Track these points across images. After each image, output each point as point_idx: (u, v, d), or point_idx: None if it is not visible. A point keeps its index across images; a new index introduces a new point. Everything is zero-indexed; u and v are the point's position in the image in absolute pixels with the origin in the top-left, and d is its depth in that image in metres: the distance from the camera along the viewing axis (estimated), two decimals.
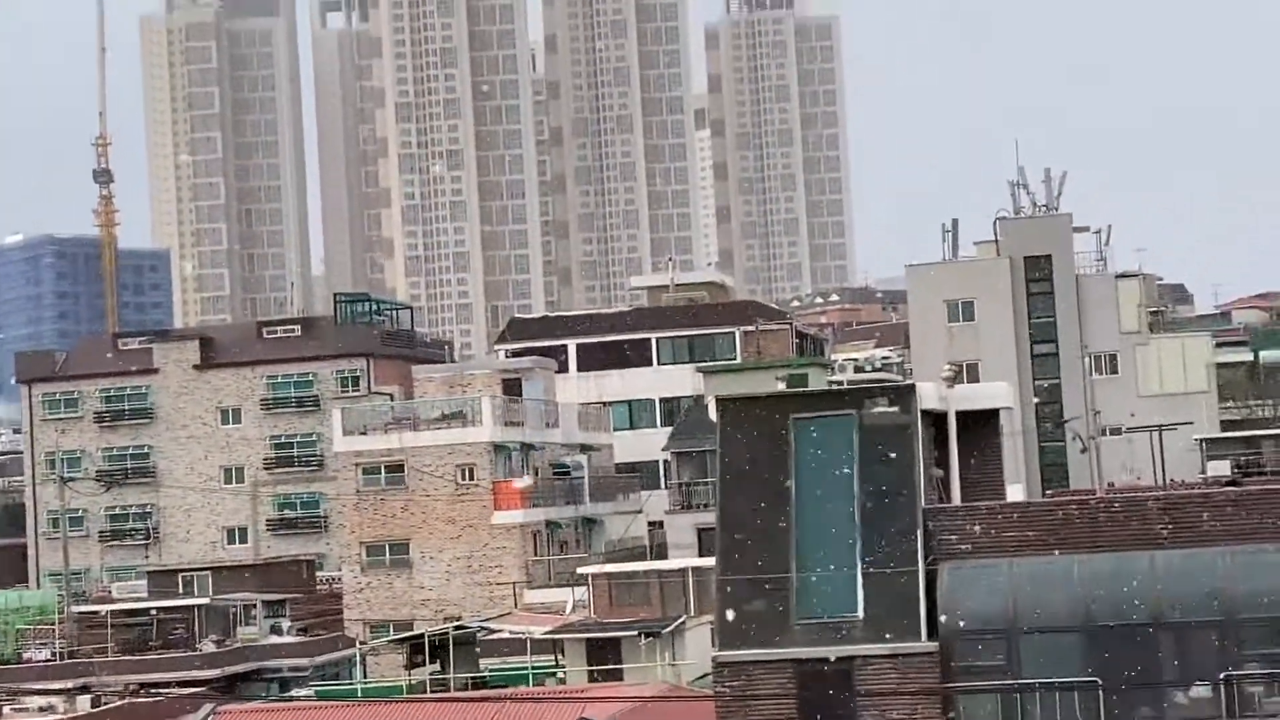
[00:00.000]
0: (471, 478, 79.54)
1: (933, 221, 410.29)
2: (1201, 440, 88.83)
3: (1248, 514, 36.61)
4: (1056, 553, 36.67)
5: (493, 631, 64.32)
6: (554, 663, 61.35)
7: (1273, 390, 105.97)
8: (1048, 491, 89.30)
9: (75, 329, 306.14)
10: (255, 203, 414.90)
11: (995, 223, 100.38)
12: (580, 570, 69.28)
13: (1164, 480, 78.98)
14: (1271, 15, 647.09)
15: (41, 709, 66.73)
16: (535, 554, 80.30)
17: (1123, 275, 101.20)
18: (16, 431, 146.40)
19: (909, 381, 47.31)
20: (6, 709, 65.58)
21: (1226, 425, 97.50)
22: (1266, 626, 35.49)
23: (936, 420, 40.29)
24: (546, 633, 61.32)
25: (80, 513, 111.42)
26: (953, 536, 37.04)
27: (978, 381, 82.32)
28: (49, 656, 77.69)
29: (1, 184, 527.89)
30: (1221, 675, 35.35)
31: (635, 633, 58.30)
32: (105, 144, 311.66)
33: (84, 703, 65.80)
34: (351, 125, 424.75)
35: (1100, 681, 35.47)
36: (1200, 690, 35.69)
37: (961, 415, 40.83)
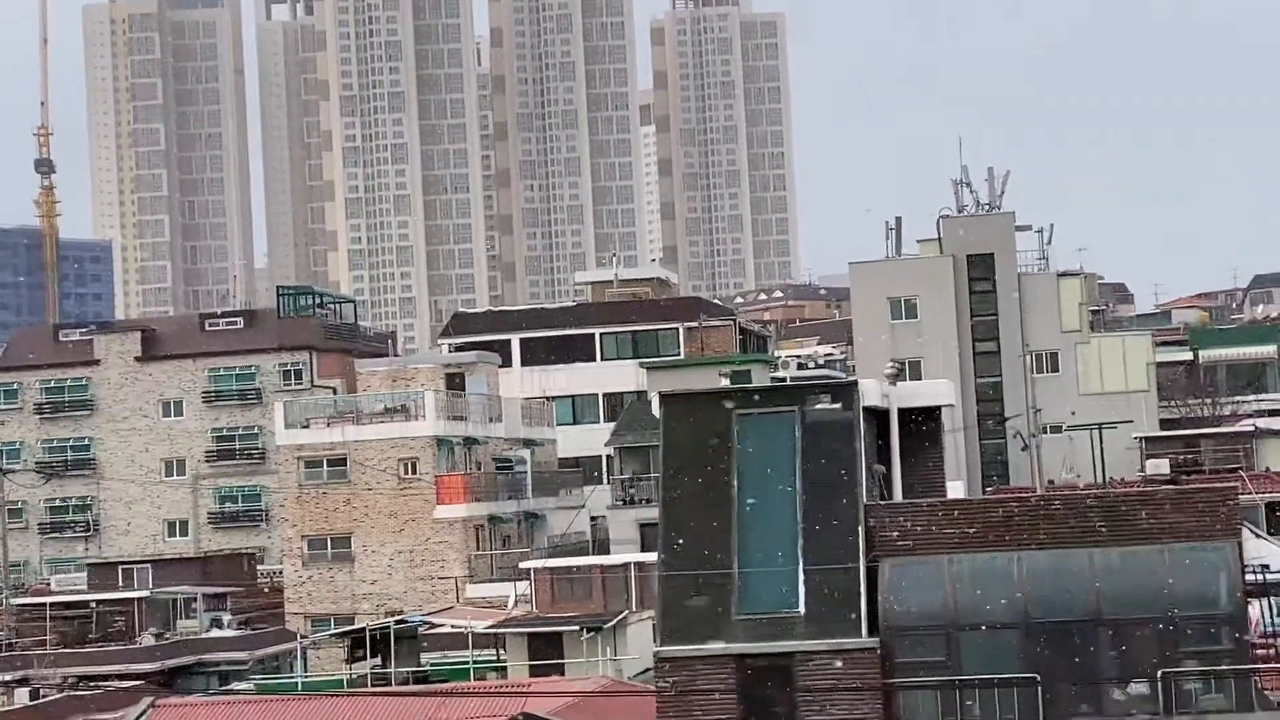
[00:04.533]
0: (414, 472, 79.48)
1: (876, 219, 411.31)
2: (1141, 439, 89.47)
3: (1186, 512, 36.84)
4: (997, 550, 36.83)
5: (434, 626, 64.29)
6: (495, 657, 61.39)
7: (1211, 389, 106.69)
8: (988, 489, 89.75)
9: (15, 320, 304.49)
10: (198, 194, 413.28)
11: (938, 221, 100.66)
12: (522, 565, 69.33)
13: (1104, 478, 79.41)
14: (1214, 17, 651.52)
15: None
16: (477, 548, 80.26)
17: (1064, 274, 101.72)
18: None
19: (851, 379, 47.42)
20: None
21: (1166, 424, 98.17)
22: (1204, 624, 35.70)
23: (879, 417, 40.44)
24: (488, 627, 61.34)
25: (19, 504, 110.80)
26: (894, 533, 37.16)
27: (920, 379, 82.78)
28: None
29: None
30: (1160, 673, 35.56)
31: (577, 628, 58.40)
32: (46, 134, 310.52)
33: (22, 695, 65.31)
34: (295, 118, 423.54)
35: (1039, 678, 35.65)
36: (1139, 687, 35.88)
37: (904, 412, 40.99)
